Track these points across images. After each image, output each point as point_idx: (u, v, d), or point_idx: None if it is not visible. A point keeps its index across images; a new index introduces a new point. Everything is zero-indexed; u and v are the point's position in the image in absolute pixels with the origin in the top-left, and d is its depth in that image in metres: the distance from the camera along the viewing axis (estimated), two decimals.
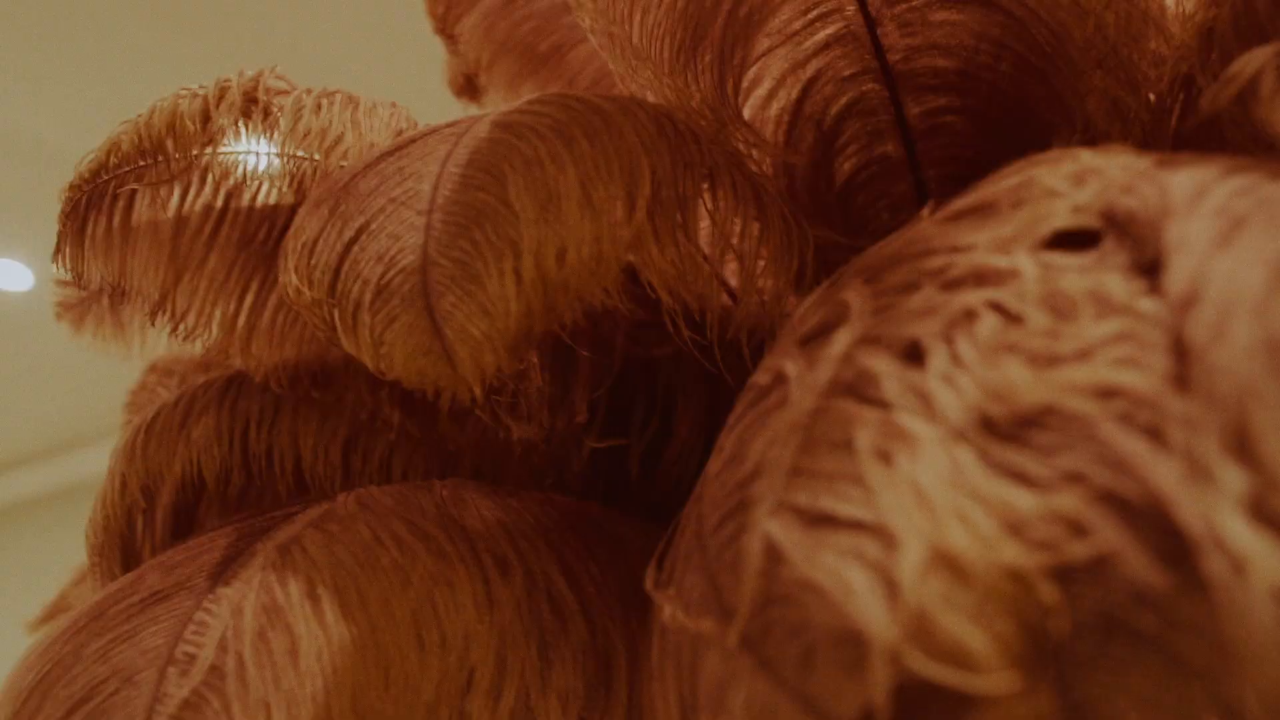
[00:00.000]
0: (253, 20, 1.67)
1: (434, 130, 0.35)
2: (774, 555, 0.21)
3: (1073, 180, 0.24)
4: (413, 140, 0.35)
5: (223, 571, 0.33)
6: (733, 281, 0.42)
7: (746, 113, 0.47)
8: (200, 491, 0.47)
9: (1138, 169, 0.23)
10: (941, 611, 0.18)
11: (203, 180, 0.43)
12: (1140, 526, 0.18)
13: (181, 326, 0.47)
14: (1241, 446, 0.17)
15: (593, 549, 0.39)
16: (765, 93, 0.47)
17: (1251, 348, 0.18)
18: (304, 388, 0.48)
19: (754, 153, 0.43)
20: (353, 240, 0.32)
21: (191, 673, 0.29)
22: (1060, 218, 0.23)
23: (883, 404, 0.22)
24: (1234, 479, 0.17)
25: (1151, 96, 0.39)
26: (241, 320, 0.47)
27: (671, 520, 0.49)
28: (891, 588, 0.19)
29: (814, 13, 0.45)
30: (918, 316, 0.23)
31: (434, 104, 0.60)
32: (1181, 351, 0.19)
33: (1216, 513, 0.17)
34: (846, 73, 0.47)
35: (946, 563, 0.19)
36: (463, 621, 0.32)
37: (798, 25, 0.45)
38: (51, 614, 0.71)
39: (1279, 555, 0.16)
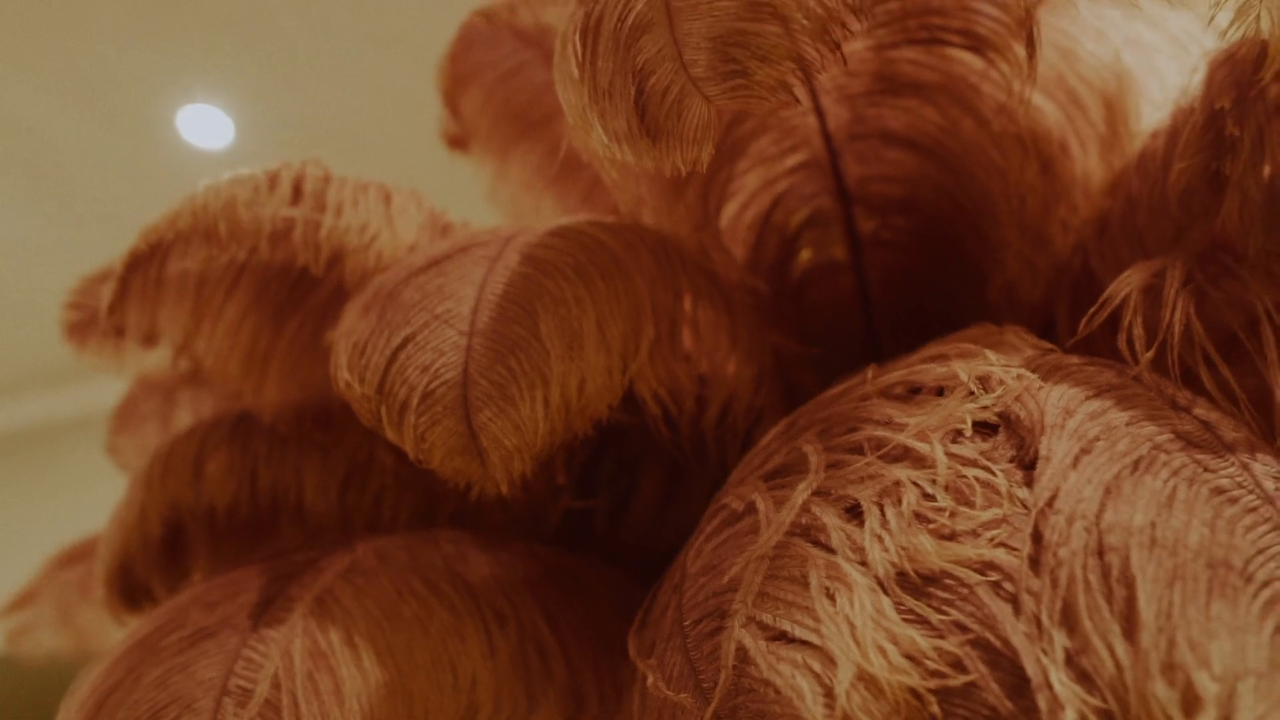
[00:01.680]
0: None
1: (466, 249, 0.41)
2: (744, 657, 0.29)
3: (982, 383, 0.32)
4: (448, 256, 0.41)
5: (262, 613, 0.40)
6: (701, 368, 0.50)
7: (724, 218, 0.55)
8: (209, 521, 0.52)
9: (1028, 383, 0.32)
10: (862, 716, 0.26)
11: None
12: (998, 667, 0.26)
13: (201, 369, 0.52)
14: (1068, 619, 0.26)
15: (569, 599, 0.46)
16: (741, 203, 0.55)
17: (1083, 550, 0.26)
18: (308, 429, 0.54)
19: (727, 267, 0.51)
20: (399, 348, 0.38)
21: (249, 705, 0.35)
22: (972, 415, 0.31)
23: (829, 550, 0.30)
24: (1060, 641, 0.25)
25: (1057, 255, 0.47)
26: (254, 365, 0.53)
27: (627, 566, 0.56)
28: (829, 695, 0.27)
29: (787, 142, 0.53)
30: (860, 481, 0.31)
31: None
32: (1039, 542, 0.27)
33: (1047, 664, 0.25)
34: (809, 191, 0.55)
35: (868, 681, 0.26)
36: (470, 667, 0.39)
37: (773, 151, 0.53)
38: (21, 601, 0.75)
39: (1083, 697, 0.25)
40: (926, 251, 0.56)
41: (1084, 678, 0.25)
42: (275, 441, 0.53)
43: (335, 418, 0.55)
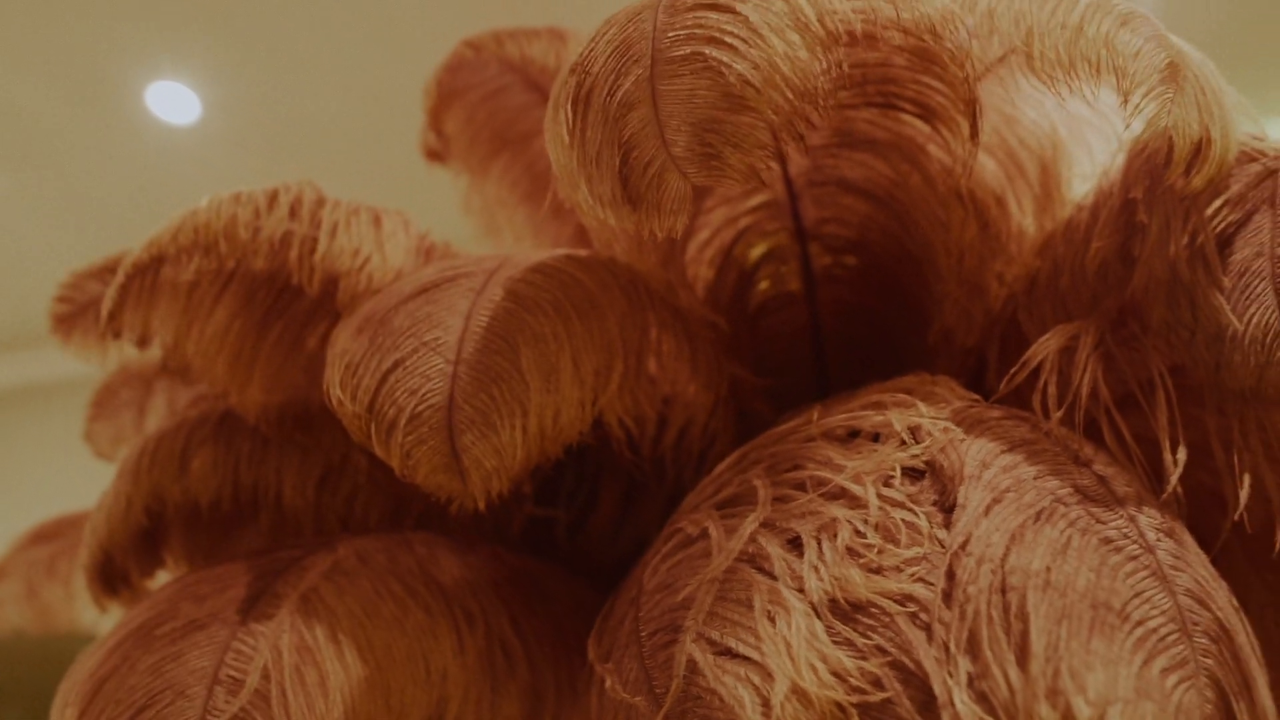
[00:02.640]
0: None
1: (453, 280, 0.45)
2: (694, 668, 0.33)
3: (912, 433, 0.36)
4: (436, 285, 0.44)
5: (250, 608, 0.43)
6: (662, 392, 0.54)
7: (690, 249, 0.59)
8: (191, 514, 0.55)
9: (952, 435, 0.36)
10: None
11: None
12: (911, 686, 0.30)
13: (190, 369, 0.55)
14: (972, 647, 0.30)
15: (531, 602, 0.50)
16: (705, 237, 0.59)
17: (988, 588, 0.31)
18: (288, 430, 0.57)
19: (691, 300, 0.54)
20: (390, 371, 0.41)
21: (240, 694, 0.39)
22: (902, 462, 0.35)
23: (772, 576, 0.34)
24: (964, 666, 0.30)
25: (990, 305, 0.52)
26: (240, 368, 0.56)
27: (584, 572, 0.60)
28: (766, 706, 0.31)
29: (751, 184, 0.57)
30: (801, 516, 0.35)
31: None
32: (952, 579, 0.32)
33: (952, 685, 0.30)
34: (769, 228, 0.59)
35: (800, 695, 0.31)
36: (441, 663, 0.43)
37: (737, 191, 0.57)
38: None
39: (980, 715, 0.29)
40: (874, 290, 0.60)
41: (982, 699, 0.29)
42: (257, 441, 0.56)
43: (314, 420, 0.58)
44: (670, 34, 0.34)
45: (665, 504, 0.54)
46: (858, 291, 0.61)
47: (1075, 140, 0.52)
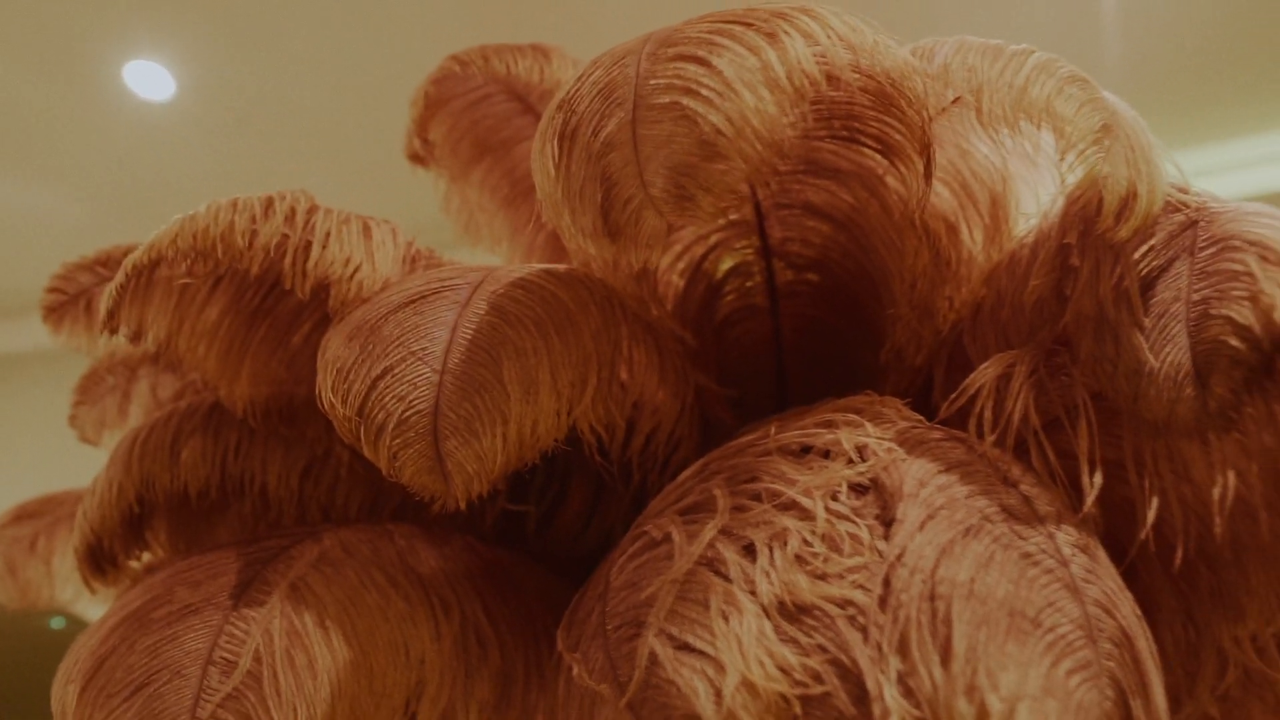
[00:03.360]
0: None
1: (439, 292, 0.48)
2: (654, 660, 0.37)
3: (859, 452, 0.40)
4: (424, 297, 0.47)
5: (242, 594, 0.46)
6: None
7: (664, 262, 0.62)
8: (180, 502, 0.57)
9: (895, 455, 0.40)
10: (743, 713, 0.34)
11: None
12: (847, 681, 0.34)
13: (181, 364, 0.57)
14: (902, 648, 0.34)
15: (504, 592, 0.53)
16: (678, 251, 0.62)
17: (919, 596, 0.35)
18: (274, 423, 0.60)
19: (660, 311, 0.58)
20: (379, 377, 0.44)
21: (233, 674, 0.42)
22: (848, 479, 0.39)
23: (728, 579, 0.37)
24: (894, 665, 0.34)
25: (939, 328, 0.56)
26: (229, 363, 0.58)
27: (553, 565, 0.64)
28: (718, 696, 0.35)
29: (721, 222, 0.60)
30: (756, 525, 0.39)
31: None
32: (887, 587, 0.35)
33: (883, 681, 0.34)
34: (737, 245, 0.63)
35: (748, 687, 0.34)
36: (420, 648, 0.46)
37: None
38: None
39: (906, 708, 0.33)
40: (833, 307, 0.64)
41: (909, 694, 0.33)
42: (245, 432, 0.59)
43: (299, 413, 0.61)
44: (652, 82, 0.38)
45: (631, 504, 0.57)
46: (818, 307, 0.65)
47: (1022, 179, 0.56)
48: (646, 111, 0.37)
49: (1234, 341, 0.38)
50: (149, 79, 1.71)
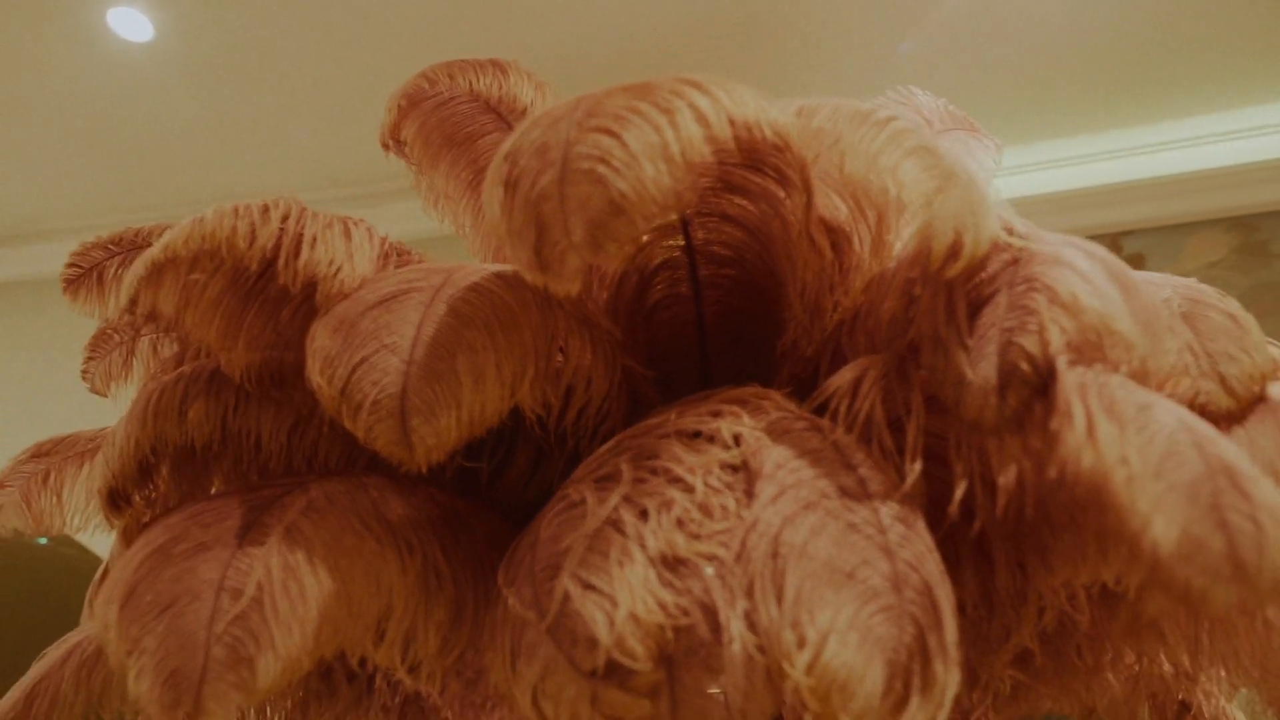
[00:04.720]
0: None
1: (407, 293, 0.58)
2: (567, 596, 0.48)
3: (735, 439, 0.51)
4: (394, 297, 0.58)
5: (245, 535, 0.57)
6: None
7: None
8: (187, 454, 0.68)
9: (763, 442, 0.51)
10: (629, 638, 0.46)
11: None
12: (709, 616, 0.46)
13: (188, 336, 0.67)
14: (749, 593, 0.46)
15: (458, 535, 0.65)
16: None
17: (764, 554, 0.46)
18: (266, 386, 0.70)
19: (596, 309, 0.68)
20: (357, 365, 0.55)
21: (240, 599, 0.53)
22: (724, 461, 0.50)
23: (625, 536, 0.49)
24: (742, 605, 0.46)
25: (826, 327, 0.67)
26: (228, 336, 0.68)
27: (502, 512, 0.75)
28: (612, 624, 0.46)
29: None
30: (650, 495, 0.50)
31: None
32: (743, 546, 0.47)
33: (732, 616, 0.45)
34: (666, 244, 0.73)
35: (635, 619, 0.46)
36: (389, 581, 0.57)
37: None
38: None
39: (748, 636, 0.45)
40: (747, 298, 0.75)
41: (752, 627, 0.45)
42: (241, 394, 0.69)
43: (287, 378, 0.71)
44: (575, 149, 0.48)
45: (566, 464, 0.69)
46: (734, 297, 0.76)
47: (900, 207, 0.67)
48: (571, 174, 0.47)
49: (1024, 365, 0.50)
50: (129, 23, 1.77)
